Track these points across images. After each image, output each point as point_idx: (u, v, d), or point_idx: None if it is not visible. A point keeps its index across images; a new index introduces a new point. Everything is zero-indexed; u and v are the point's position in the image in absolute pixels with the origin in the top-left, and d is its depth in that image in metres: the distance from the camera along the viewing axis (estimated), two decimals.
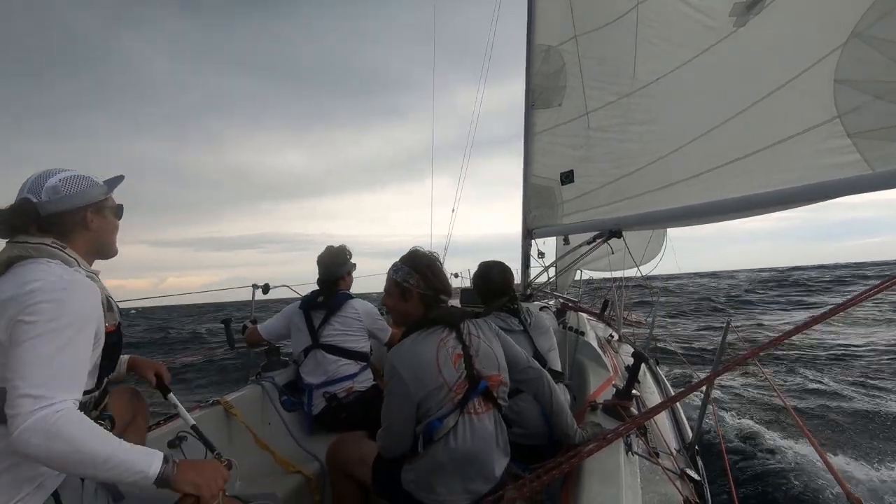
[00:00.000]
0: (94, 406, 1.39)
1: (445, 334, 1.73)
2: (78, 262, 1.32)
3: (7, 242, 1.29)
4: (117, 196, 1.49)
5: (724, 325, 2.48)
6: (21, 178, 1.35)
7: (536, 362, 1.93)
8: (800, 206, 2.50)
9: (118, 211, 1.48)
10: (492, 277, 2.50)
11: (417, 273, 1.80)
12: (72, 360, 1.15)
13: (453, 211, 7.20)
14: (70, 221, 1.34)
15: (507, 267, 2.58)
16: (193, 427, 1.86)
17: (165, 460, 1.17)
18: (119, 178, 1.46)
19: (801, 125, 2.48)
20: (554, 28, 4.75)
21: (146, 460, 1.14)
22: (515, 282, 5.46)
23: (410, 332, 1.76)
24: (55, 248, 1.29)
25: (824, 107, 2.32)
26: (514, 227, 5.35)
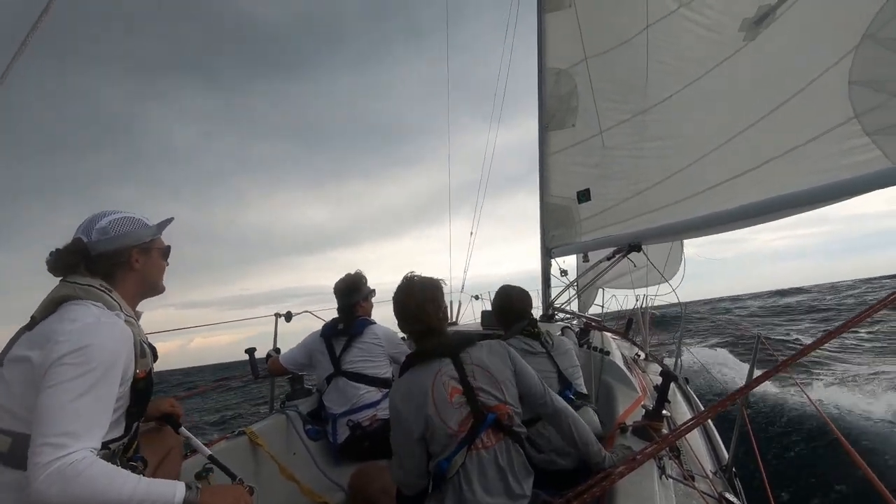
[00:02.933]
0: (123, 452, 1.39)
1: (442, 366, 1.68)
2: (121, 307, 1.35)
3: (60, 281, 1.35)
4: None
5: (755, 340, 2.41)
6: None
7: (554, 397, 1.80)
8: (821, 206, 2.46)
9: (165, 252, 1.54)
10: (511, 301, 2.48)
11: (399, 317, 1.82)
12: (94, 406, 1.16)
13: (472, 234, 7.23)
14: (116, 261, 1.40)
15: (526, 291, 2.56)
16: (210, 457, 1.86)
17: (188, 487, 1.18)
18: (168, 221, 1.53)
19: (818, 129, 2.47)
20: (564, 52, 4.84)
21: (169, 491, 1.15)
22: (536, 303, 5.42)
23: (407, 368, 1.75)
24: (102, 290, 1.34)
25: (841, 109, 2.32)
26: (536, 260, 5.32)
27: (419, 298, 1.78)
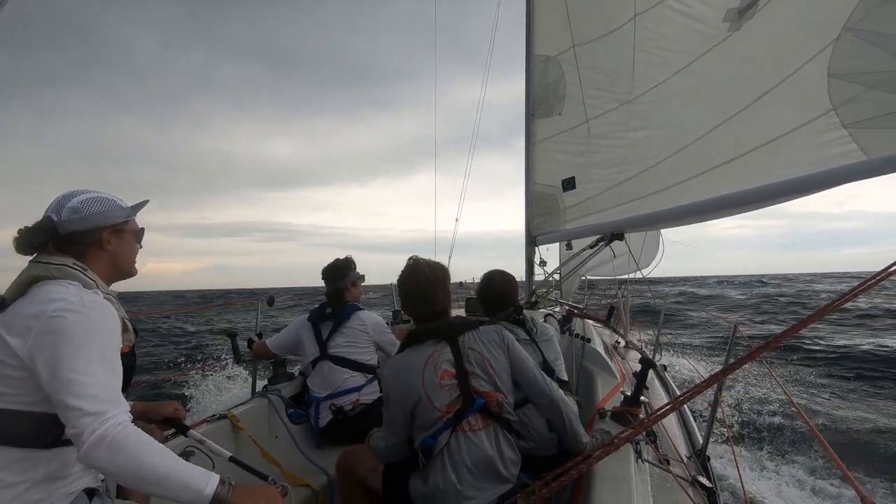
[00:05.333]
0: None
1: (438, 348, 1.71)
2: (97, 284, 1.33)
3: (30, 262, 1.31)
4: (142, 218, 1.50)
5: (732, 328, 2.47)
6: None
7: (549, 382, 1.81)
8: (797, 197, 2.52)
9: (139, 234, 1.49)
10: (496, 288, 2.48)
11: (402, 300, 1.86)
12: (114, 373, 1.18)
13: (457, 220, 7.22)
14: (88, 241, 1.36)
15: (511, 277, 2.55)
16: (232, 458, 1.76)
17: (222, 482, 1.16)
18: (143, 203, 1.48)
19: (798, 120, 2.51)
20: (552, 39, 4.81)
21: (203, 479, 1.14)
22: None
23: (405, 346, 1.78)
24: (76, 269, 1.30)
25: (819, 101, 2.36)
26: (511, 224, 5.34)
27: (427, 283, 1.78)
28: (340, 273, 3.06)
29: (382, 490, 1.85)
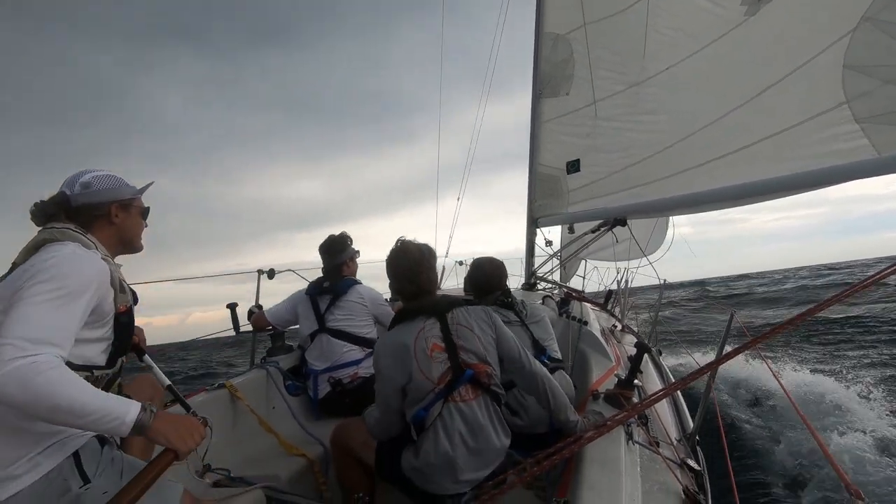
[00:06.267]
0: (107, 385, 1.44)
1: (428, 324, 1.76)
2: (96, 246, 1.41)
3: (40, 230, 1.41)
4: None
5: (729, 316, 2.48)
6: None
7: (531, 360, 1.87)
8: (803, 192, 2.50)
9: (145, 212, 1.61)
10: (485, 273, 2.54)
11: (390, 278, 1.91)
12: (60, 319, 1.18)
13: (458, 199, 7.19)
14: (96, 213, 1.47)
15: (500, 263, 2.62)
16: (168, 387, 1.88)
17: (143, 409, 1.19)
18: (149, 185, 1.61)
19: (809, 112, 2.47)
20: (563, 16, 4.70)
21: (123, 408, 1.16)
22: (518, 272, 5.48)
23: (395, 324, 1.84)
24: (77, 232, 1.40)
25: (832, 93, 2.31)
26: (524, 238, 5.33)
27: (412, 261, 1.85)
28: (338, 248, 3.06)
29: (375, 465, 1.89)
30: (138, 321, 1.63)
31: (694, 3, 3.40)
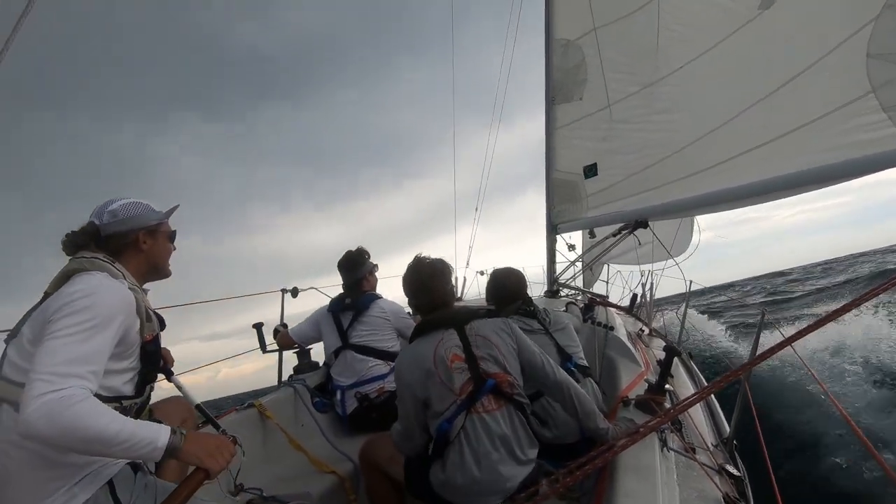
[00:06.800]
0: (137, 413, 1.45)
1: (445, 335, 1.77)
2: (124, 276, 1.43)
3: (70, 259, 1.43)
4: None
5: (760, 316, 2.41)
6: None
7: (556, 368, 1.85)
8: (831, 184, 2.43)
9: (172, 235, 1.63)
10: (505, 283, 2.53)
11: (406, 293, 1.94)
12: (88, 351, 1.19)
13: (476, 209, 7.20)
14: (124, 242, 1.49)
15: (518, 271, 2.61)
16: (198, 407, 1.91)
17: (174, 432, 1.21)
18: (175, 208, 1.64)
19: (833, 103, 2.41)
20: (572, 21, 4.71)
21: (154, 433, 1.18)
22: (541, 280, 5.43)
23: (414, 338, 1.86)
24: (106, 261, 1.42)
25: (857, 82, 2.26)
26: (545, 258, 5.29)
27: (427, 275, 1.88)
28: (356, 263, 3.08)
29: (405, 481, 1.87)
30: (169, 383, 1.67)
31: (704, 0, 3.37)
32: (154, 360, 1.49)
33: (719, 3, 3.27)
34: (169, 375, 1.93)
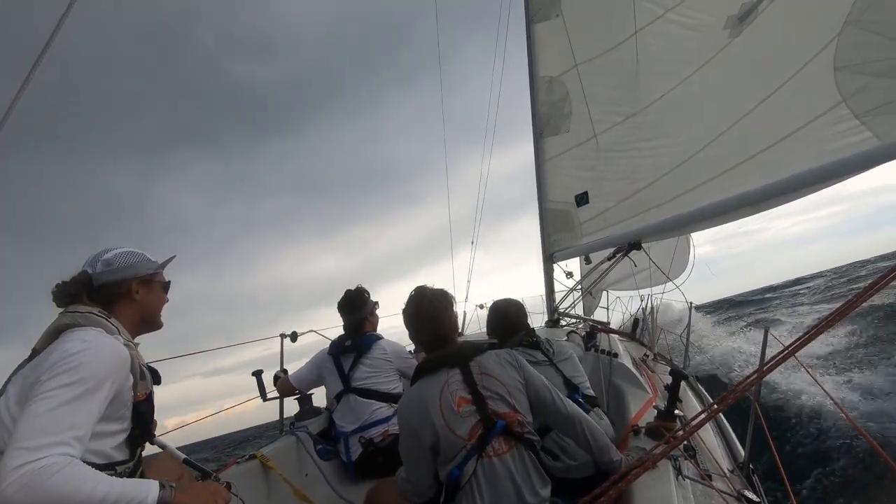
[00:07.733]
0: (129, 476, 1.39)
1: (451, 376, 1.69)
2: (119, 331, 1.36)
3: (60, 313, 1.37)
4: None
5: (764, 332, 2.41)
6: None
7: (566, 402, 1.79)
8: (816, 190, 2.49)
9: (166, 286, 1.59)
10: (506, 315, 2.49)
11: (408, 328, 1.85)
12: (76, 415, 1.13)
13: (473, 243, 7.24)
14: (117, 291, 1.44)
15: (518, 302, 2.58)
16: (186, 461, 1.85)
17: (162, 486, 1.17)
18: (171, 259, 1.60)
19: (808, 115, 2.52)
20: (554, 60, 4.90)
21: (143, 490, 1.15)
22: (541, 310, 5.40)
23: (417, 378, 1.77)
24: (101, 317, 1.36)
25: (828, 94, 2.36)
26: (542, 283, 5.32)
27: (430, 309, 1.80)
28: (357, 304, 3.02)
29: None
30: (173, 420, 1.60)
31: (679, 34, 3.53)
32: (146, 422, 1.42)
33: (691, 36, 3.42)
34: (151, 439, 1.82)
